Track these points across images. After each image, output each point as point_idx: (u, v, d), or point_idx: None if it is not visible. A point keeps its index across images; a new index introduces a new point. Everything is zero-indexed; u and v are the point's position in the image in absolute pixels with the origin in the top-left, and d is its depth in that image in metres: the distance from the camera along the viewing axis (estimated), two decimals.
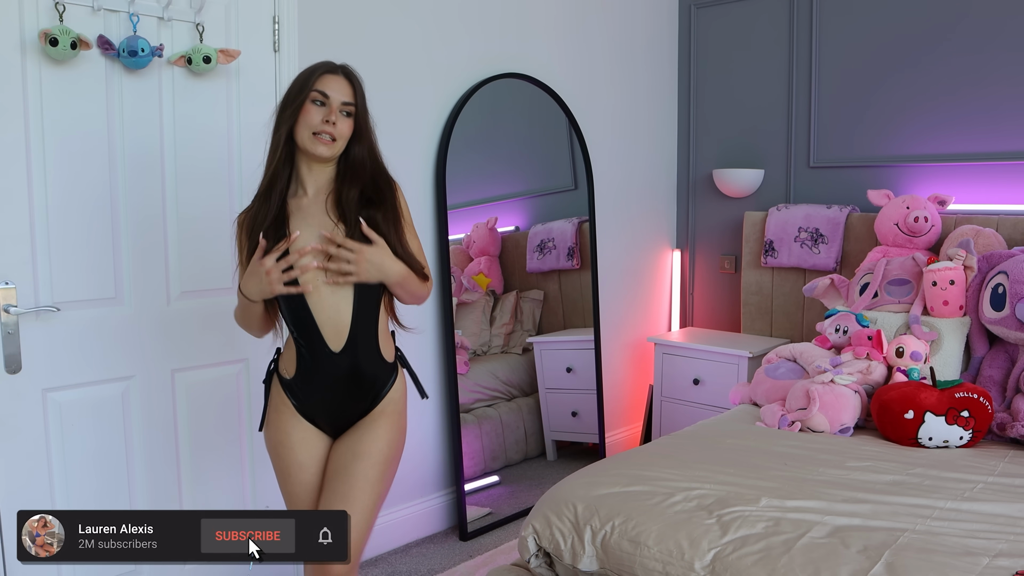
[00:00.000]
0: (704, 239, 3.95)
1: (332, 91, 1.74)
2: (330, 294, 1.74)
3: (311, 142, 1.73)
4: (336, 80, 1.76)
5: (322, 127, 1.72)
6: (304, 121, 1.73)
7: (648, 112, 3.82)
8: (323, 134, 1.73)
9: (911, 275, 2.90)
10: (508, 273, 3.34)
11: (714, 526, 1.85)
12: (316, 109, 1.73)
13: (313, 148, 1.74)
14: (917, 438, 2.43)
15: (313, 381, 1.78)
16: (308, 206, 1.79)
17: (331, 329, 1.75)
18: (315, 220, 1.77)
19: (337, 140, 1.75)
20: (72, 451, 2.16)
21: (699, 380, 3.49)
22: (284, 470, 1.83)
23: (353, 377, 1.78)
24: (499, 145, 3.29)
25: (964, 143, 3.14)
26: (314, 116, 1.73)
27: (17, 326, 2.04)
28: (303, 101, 1.73)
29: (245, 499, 2.51)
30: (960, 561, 1.65)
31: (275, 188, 1.77)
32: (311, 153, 1.75)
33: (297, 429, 1.80)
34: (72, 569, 2.17)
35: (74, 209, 2.13)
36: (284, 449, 1.81)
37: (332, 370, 1.76)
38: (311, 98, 1.73)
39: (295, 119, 1.74)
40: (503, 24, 3.15)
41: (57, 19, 2.02)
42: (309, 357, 1.76)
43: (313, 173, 1.81)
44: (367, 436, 1.78)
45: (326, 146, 1.74)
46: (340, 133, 1.74)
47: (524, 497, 3.24)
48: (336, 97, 1.74)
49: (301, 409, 1.80)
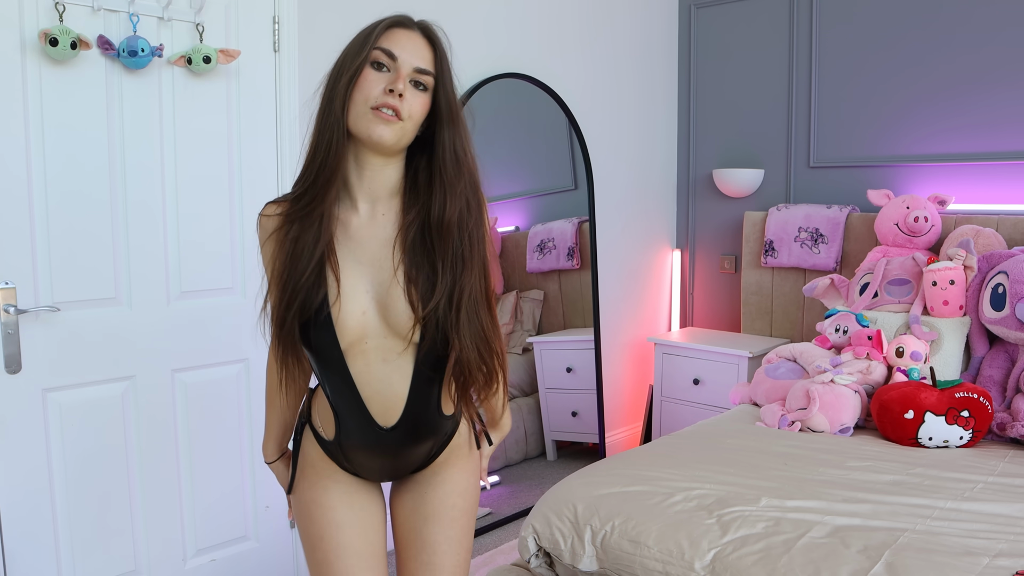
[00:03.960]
0: (704, 239, 3.95)
1: (402, 50, 1.25)
2: (380, 363, 1.30)
3: (367, 119, 1.23)
4: (409, 37, 1.27)
5: (383, 98, 1.22)
6: (359, 92, 1.23)
7: (648, 112, 3.82)
8: (384, 108, 1.23)
9: (911, 275, 2.90)
10: (508, 273, 3.34)
11: (714, 526, 1.85)
12: (377, 75, 1.24)
13: (369, 128, 1.23)
14: (917, 438, 2.43)
15: (358, 447, 1.38)
16: (359, 230, 1.30)
17: (379, 404, 1.33)
18: (367, 257, 1.28)
19: (405, 120, 1.24)
20: (72, 451, 2.16)
21: (699, 380, 3.49)
22: (317, 534, 1.40)
23: (409, 443, 1.39)
24: (499, 145, 3.28)
25: (964, 143, 3.14)
26: (373, 84, 1.23)
27: (17, 326, 2.04)
28: (361, 65, 1.24)
29: (245, 500, 2.51)
30: (960, 561, 1.65)
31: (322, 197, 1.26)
32: (366, 137, 1.24)
33: (339, 483, 1.41)
34: (71, 569, 2.17)
35: (74, 209, 2.13)
36: (319, 508, 1.40)
37: (381, 442, 1.37)
38: (371, 59, 1.25)
39: (350, 92, 1.24)
40: (503, 25, 3.15)
41: (57, 19, 2.01)
42: (351, 425, 1.36)
43: (366, 175, 1.30)
44: (435, 493, 1.44)
45: (388, 124, 1.23)
46: (410, 110, 1.24)
47: (524, 497, 3.24)
48: (407, 60, 1.25)
49: (343, 466, 1.42)
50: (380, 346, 1.30)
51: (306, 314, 1.26)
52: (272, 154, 2.47)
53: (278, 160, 2.48)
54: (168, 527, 2.35)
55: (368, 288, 1.29)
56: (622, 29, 3.64)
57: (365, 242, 1.29)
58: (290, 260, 1.27)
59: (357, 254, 1.29)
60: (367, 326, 1.29)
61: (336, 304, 1.26)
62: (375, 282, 1.29)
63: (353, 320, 1.28)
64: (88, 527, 2.20)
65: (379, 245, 1.30)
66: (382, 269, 1.28)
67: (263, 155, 2.46)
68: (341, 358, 1.29)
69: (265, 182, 2.47)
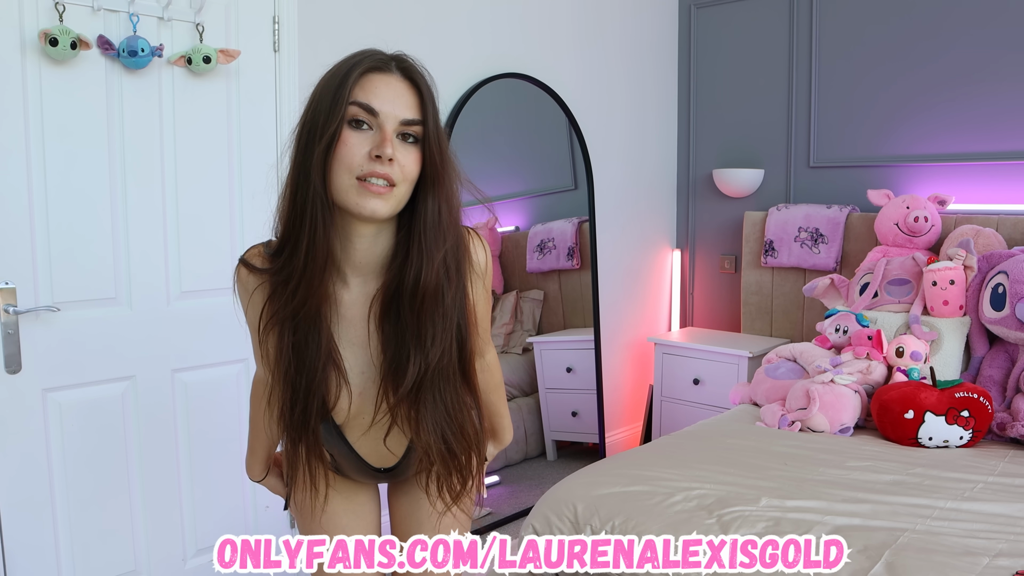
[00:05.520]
0: (704, 239, 3.95)
1: (383, 102, 1.07)
2: (378, 429, 1.23)
3: (355, 193, 1.07)
4: (388, 83, 1.09)
5: (370, 166, 1.06)
6: (339, 162, 1.07)
7: (648, 112, 3.82)
8: (374, 179, 1.07)
9: (911, 275, 2.90)
10: (508, 273, 3.34)
11: (714, 526, 1.85)
12: (358, 137, 1.07)
13: (360, 204, 1.07)
14: (917, 438, 2.43)
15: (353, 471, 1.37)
16: (351, 308, 1.17)
17: (376, 459, 1.31)
18: (360, 339, 1.18)
19: (399, 185, 1.08)
20: (72, 451, 2.16)
21: (699, 380, 3.49)
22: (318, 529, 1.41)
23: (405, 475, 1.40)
24: (499, 145, 3.28)
25: (964, 143, 3.14)
26: (355, 149, 1.07)
27: (17, 326, 2.04)
28: (337, 129, 1.06)
29: (245, 500, 2.51)
30: (960, 561, 1.65)
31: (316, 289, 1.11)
32: (356, 213, 1.08)
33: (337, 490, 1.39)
34: (71, 569, 2.17)
35: (74, 209, 2.13)
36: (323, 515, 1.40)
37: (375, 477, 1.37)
38: (348, 117, 1.07)
39: (329, 163, 1.08)
40: (503, 24, 3.15)
41: (57, 19, 2.01)
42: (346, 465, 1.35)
43: (357, 246, 1.14)
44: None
45: (380, 198, 1.07)
46: (403, 173, 1.08)
47: (524, 497, 3.24)
48: (391, 113, 1.08)
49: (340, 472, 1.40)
50: (378, 424, 1.24)
51: (324, 411, 1.18)
52: (272, 154, 2.47)
53: (278, 160, 2.48)
54: (168, 527, 2.35)
55: (363, 369, 1.20)
56: (622, 29, 3.64)
57: (356, 321, 1.18)
58: (296, 360, 1.15)
59: (350, 335, 1.18)
60: (363, 406, 1.23)
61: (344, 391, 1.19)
62: (368, 363, 1.20)
63: (351, 404, 1.22)
64: (88, 527, 2.20)
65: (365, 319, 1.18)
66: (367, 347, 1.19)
67: (263, 155, 2.46)
68: (338, 430, 1.27)
69: (265, 182, 2.47)
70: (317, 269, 1.10)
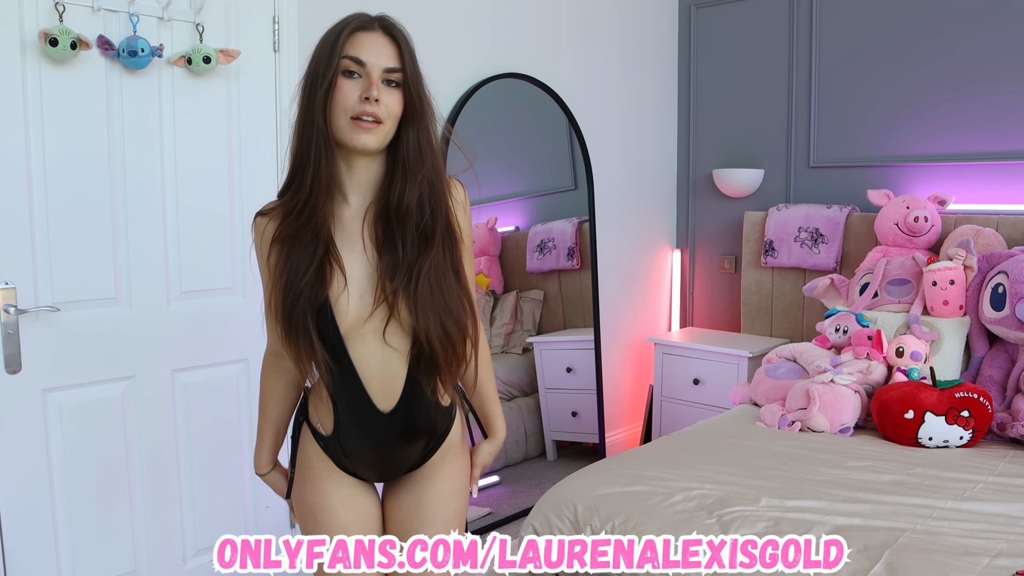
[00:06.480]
0: (704, 239, 3.95)
1: (368, 54, 1.31)
2: (378, 346, 1.37)
3: (350, 130, 1.31)
4: (373, 39, 1.33)
5: (361, 107, 1.30)
6: (337, 104, 1.31)
7: (648, 112, 3.82)
8: (364, 116, 1.30)
9: (911, 275, 2.90)
10: (508, 273, 3.34)
11: (714, 526, 1.85)
12: (350, 83, 1.31)
13: (353, 138, 1.31)
14: (917, 438, 2.43)
15: (356, 441, 1.44)
16: (351, 221, 1.38)
17: (379, 386, 1.39)
18: (360, 245, 1.37)
19: (384, 121, 1.32)
20: (72, 451, 2.16)
21: (699, 380, 3.49)
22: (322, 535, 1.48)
23: (406, 434, 1.44)
24: (499, 145, 3.28)
25: (964, 143, 3.14)
26: (348, 94, 1.30)
27: (17, 326, 2.04)
28: (333, 77, 1.30)
29: (245, 500, 2.51)
30: (960, 561, 1.65)
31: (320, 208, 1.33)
32: (351, 146, 1.33)
33: (339, 486, 1.46)
34: (71, 568, 2.17)
35: (74, 209, 2.13)
36: (324, 512, 1.45)
37: (379, 431, 1.42)
38: (342, 69, 1.31)
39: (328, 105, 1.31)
40: (503, 24, 3.15)
41: (57, 19, 2.02)
42: (350, 416, 1.42)
43: (355, 172, 1.38)
44: (432, 494, 1.48)
45: (370, 132, 1.31)
46: (388, 111, 1.32)
47: (524, 497, 3.24)
48: (376, 63, 1.31)
49: (340, 464, 1.46)
50: (377, 329, 1.36)
51: (314, 305, 1.33)
52: (272, 154, 2.47)
53: (278, 160, 2.48)
54: (168, 527, 2.35)
55: (363, 274, 1.37)
56: (622, 29, 3.64)
57: (355, 232, 1.38)
58: (292, 263, 1.34)
59: (351, 243, 1.37)
60: (363, 310, 1.36)
61: (344, 293, 1.35)
62: (366, 266, 1.38)
63: (351, 305, 1.35)
64: (88, 527, 2.20)
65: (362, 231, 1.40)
66: (366, 254, 1.38)
67: (263, 155, 2.46)
68: (341, 343, 1.36)
69: (265, 182, 2.47)
70: (321, 192, 1.33)
